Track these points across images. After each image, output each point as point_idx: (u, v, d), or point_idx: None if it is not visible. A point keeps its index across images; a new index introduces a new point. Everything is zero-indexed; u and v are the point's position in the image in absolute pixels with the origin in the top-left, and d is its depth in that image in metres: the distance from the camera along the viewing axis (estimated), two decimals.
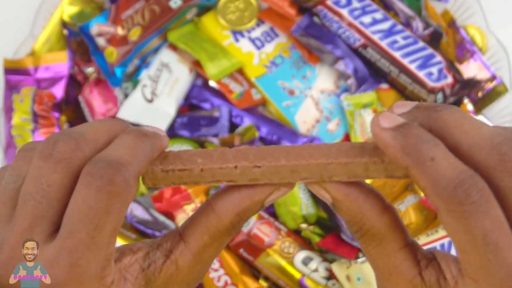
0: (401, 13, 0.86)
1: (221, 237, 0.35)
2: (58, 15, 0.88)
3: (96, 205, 0.30)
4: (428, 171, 0.30)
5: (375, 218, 0.34)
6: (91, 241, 0.30)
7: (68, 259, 0.30)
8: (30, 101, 0.85)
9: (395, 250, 0.34)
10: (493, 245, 0.29)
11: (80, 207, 0.30)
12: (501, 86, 0.84)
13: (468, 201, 0.29)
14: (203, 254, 0.35)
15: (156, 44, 0.87)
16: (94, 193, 0.30)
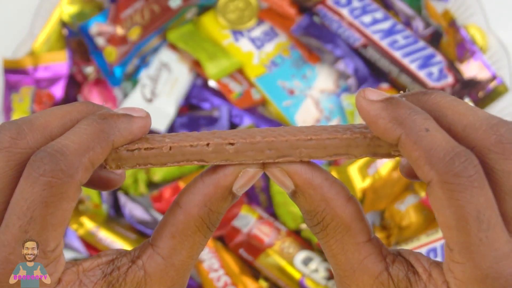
0: (401, 13, 0.86)
1: (192, 235, 0.32)
2: (57, 14, 0.88)
3: (30, 197, 0.29)
4: (424, 141, 0.29)
5: (339, 207, 0.32)
6: (24, 235, 0.29)
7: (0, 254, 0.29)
8: (30, 100, 0.85)
9: (359, 244, 0.32)
10: (486, 223, 0.28)
11: (16, 200, 0.29)
12: (501, 86, 0.84)
13: (465, 174, 0.28)
14: (174, 257, 0.32)
15: (155, 43, 0.86)
16: (30, 184, 0.29)
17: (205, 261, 0.79)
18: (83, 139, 0.30)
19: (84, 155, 0.30)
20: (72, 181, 0.29)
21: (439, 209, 0.29)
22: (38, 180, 0.29)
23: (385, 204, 0.81)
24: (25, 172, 0.29)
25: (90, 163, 0.30)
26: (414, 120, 0.30)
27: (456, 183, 0.28)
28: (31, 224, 0.29)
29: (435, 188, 0.29)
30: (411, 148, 0.29)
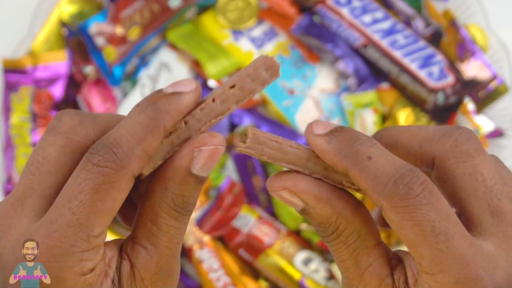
0: (402, 12, 0.86)
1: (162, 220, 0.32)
2: (57, 14, 0.88)
3: (83, 182, 0.30)
4: (367, 170, 0.30)
5: (351, 215, 0.32)
6: (71, 217, 0.29)
7: (45, 230, 0.30)
8: (29, 100, 0.84)
9: (370, 247, 0.32)
10: (443, 235, 0.29)
11: (69, 184, 0.30)
12: (502, 86, 0.84)
13: (411, 195, 0.29)
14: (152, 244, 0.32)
15: (155, 43, 0.86)
16: (85, 172, 0.30)
17: (204, 261, 0.79)
18: (135, 129, 0.30)
19: (137, 146, 0.30)
20: (124, 171, 0.30)
21: (398, 231, 0.30)
22: (92, 169, 0.30)
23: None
24: (81, 161, 0.30)
25: (144, 153, 0.30)
26: (357, 150, 0.31)
27: (405, 205, 0.29)
28: (80, 207, 0.29)
29: (387, 213, 0.30)
30: (358, 179, 0.30)
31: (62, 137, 0.31)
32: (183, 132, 0.32)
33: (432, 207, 0.29)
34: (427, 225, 0.29)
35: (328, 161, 0.31)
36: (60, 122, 0.32)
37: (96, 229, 0.30)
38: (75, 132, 0.31)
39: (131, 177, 0.30)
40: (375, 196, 0.30)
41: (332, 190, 0.32)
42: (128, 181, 0.30)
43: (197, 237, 0.80)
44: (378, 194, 0.30)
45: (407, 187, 0.29)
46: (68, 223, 0.29)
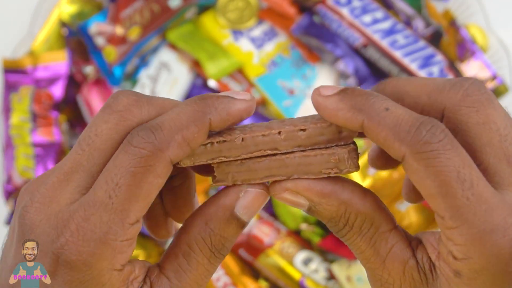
0: (402, 12, 0.86)
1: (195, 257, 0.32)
2: (57, 14, 0.88)
3: (121, 164, 0.29)
4: (386, 119, 0.29)
5: (359, 204, 0.32)
6: (108, 200, 0.29)
7: (83, 212, 0.29)
8: (29, 100, 0.84)
9: (385, 233, 0.32)
10: (468, 182, 0.28)
11: (109, 166, 0.30)
12: (502, 86, 0.84)
13: (435, 140, 0.28)
14: (178, 279, 0.32)
15: (155, 43, 0.86)
16: (124, 153, 0.30)
17: None
18: (179, 117, 0.30)
19: (178, 132, 0.30)
20: (161, 155, 0.30)
21: (419, 181, 0.29)
22: (130, 150, 0.29)
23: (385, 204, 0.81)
24: (123, 142, 0.30)
25: (185, 140, 0.30)
26: (372, 103, 0.30)
27: (429, 150, 0.28)
28: (116, 190, 0.29)
29: (410, 162, 0.29)
30: (376, 130, 0.30)
31: (116, 115, 0.31)
32: (235, 147, 0.32)
33: (455, 152, 0.28)
34: (453, 171, 0.28)
35: (341, 118, 0.30)
36: (116, 100, 0.31)
37: (131, 216, 0.30)
38: (129, 111, 0.31)
39: (169, 162, 0.30)
40: (397, 144, 0.29)
41: (334, 182, 0.32)
42: (165, 166, 0.30)
43: None
44: (400, 141, 0.29)
45: (430, 132, 0.28)
46: (105, 207, 0.29)
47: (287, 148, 0.32)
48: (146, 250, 0.78)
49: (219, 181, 0.33)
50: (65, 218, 0.30)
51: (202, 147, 0.32)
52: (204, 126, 0.31)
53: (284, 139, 0.32)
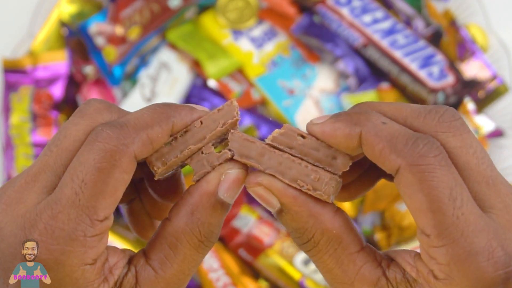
0: (402, 12, 0.86)
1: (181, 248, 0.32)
2: (56, 14, 0.88)
3: (86, 161, 0.29)
4: (384, 132, 0.30)
5: (328, 221, 0.31)
6: (74, 197, 0.29)
7: (50, 211, 0.29)
8: (29, 100, 0.84)
9: (353, 254, 0.31)
10: (459, 200, 0.28)
11: (73, 163, 0.30)
12: (502, 86, 0.84)
13: (431, 154, 0.29)
14: (164, 270, 0.32)
15: (155, 43, 0.86)
16: (88, 149, 0.30)
17: (204, 261, 0.79)
18: (144, 117, 0.31)
19: (143, 130, 0.30)
20: (126, 150, 0.30)
21: (411, 195, 0.29)
22: (95, 145, 0.29)
23: (385, 204, 0.81)
24: (88, 138, 0.30)
25: (149, 139, 0.31)
26: (369, 117, 0.31)
27: (425, 163, 0.29)
28: (82, 187, 0.29)
29: (404, 174, 0.29)
30: (373, 141, 0.30)
31: (87, 117, 0.31)
32: (197, 131, 0.32)
33: (449, 170, 0.29)
34: (446, 188, 0.28)
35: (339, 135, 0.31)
36: (87, 105, 0.32)
37: (99, 212, 0.30)
38: (100, 114, 0.31)
39: (133, 158, 0.30)
40: (393, 156, 0.29)
41: (310, 196, 0.32)
42: (130, 162, 0.30)
43: None
44: (397, 153, 0.29)
45: (427, 147, 0.29)
46: (72, 204, 0.29)
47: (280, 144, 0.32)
48: None
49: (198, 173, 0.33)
50: (33, 218, 0.30)
51: (168, 146, 0.32)
52: (168, 128, 0.31)
53: (281, 134, 0.32)
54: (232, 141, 0.33)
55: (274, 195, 0.32)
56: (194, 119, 0.32)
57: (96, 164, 0.29)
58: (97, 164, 0.29)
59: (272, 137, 0.32)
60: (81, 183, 0.29)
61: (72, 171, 0.30)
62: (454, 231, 0.28)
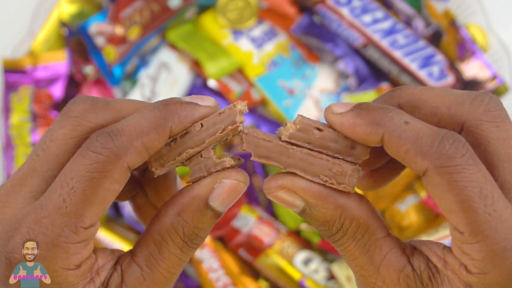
0: (402, 12, 0.86)
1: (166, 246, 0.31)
2: (56, 14, 0.88)
3: (77, 168, 0.29)
4: (407, 133, 0.29)
5: (355, 208, 0.31)
6: (61, 204, 0.29)
7: (34, 215, 0.29)
8: (29, 100, 0.84)
9: (380, 240, 0.31)
10: (490, 198, 0.28)
11: (65, 169, 0.30)
12: (502, 86, 0.84)
13: (458, 154, 0.28)
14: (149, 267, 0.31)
15: (155, 43, 0.86)
16: (81, 158, 0.29)
17: (204, 261, 0.79)
18: (140, 123, 0.30)
19: (137, 138, 0.30)
20: (118, 161, 0.29)
21: (441, 196, 0.29)
22: (88, 155, 0.29)
23: (386, 204, 0.81)
24: (81, 146, 0.30)
25: (144, 147, 0.30)
26: (390, 117, 0.30)
27: (453, 165, 0.28)
28: (70, 194, 0.29)
29: (432, 176, 0.29)
30: (397, 143, 0.29)
31: (72, 120, 0.31)
32: (197, 134, 0.32)
33: (477, 168, 0.28)
34: (476, 187, 0.28)
35: (359, 133, 0.30)
36: (71, 106, 0.31)
37: (85, 220, 0.29)
38: (84, 116, 0.31)
39: (126, 169, 0.30)
40: (419, 158, 0.29)
41: (332, 188, 0.31)
42: (122, 173, 0.30)
43: None
44: (422, 155, 0.29)
45: (453, 147, 0.28)
46: (58, 210, 0.29)
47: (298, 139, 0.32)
48: None
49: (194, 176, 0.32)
50: (17, 222, 0.29)
51: (166, 147, 0.32)
52: (165, 133, 0.31)
53: (298, 129, 0.31)
54: (247, 143, 0.32)
55: (297, 195, 0.31)
56: (195, 120, 0.32)
57: (87, 173, 0.29)
58: (88, 173, 0.29)
59: (289, 134, 0.32)
60: (70, 191, 0.29)
61: (63, 177, 0.29)
62: (487, 228, 0.28)
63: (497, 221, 0.28)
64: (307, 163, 0.31)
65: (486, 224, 0.28)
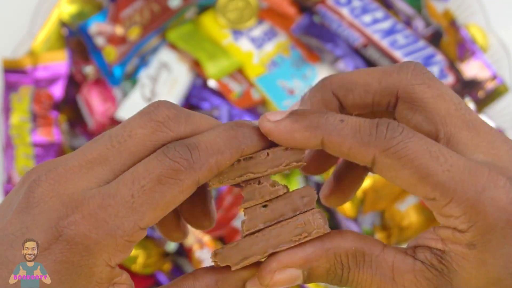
0: (402, 12, 0.86)
1: None
2: (57, 14, 0.88)
3: (153, 170, 0.30)
4: (345, 130, 0.30)
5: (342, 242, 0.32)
6: (129, 198, 0.29)
7: (101, 200, 0.29)
8: (29, 100, 0.84)
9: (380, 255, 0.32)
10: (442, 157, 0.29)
11: (139, 167, 0.30)
12: (502, 86, 0.84)
13: (397, 133, 0.30)
14: None
15: (155, 43, 0.86)
16: (158, 161, 0.30)
17: (204, 261, 0.79)
18: (216, 141, 0.31)
19: (213, 156, 0.31)
20: (192, 173, 0.30)
21: (398, 176, 0.30)
22: (165, 160, 0.30)
23: (385, 204, 0.81)
24: (159, 150, 0.30)
25: (216, 164, 0.31)
26: (326, 118, 0.31)
27: (396, 143, 0.30)
28: (140, 191, 0.29)
29: (382, 161, 0.30)
30: (338, 141, 0.30)
31: (154, 124, 0.31)
32: (261, 162, 0.32)
33: (418, 137, 0.30)
34: (425, 153, 0.29)
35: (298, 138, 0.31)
36: (156, 109, 0.32)
37: (145, 220, 0.30)
38: (168, 124, 0.31)
39: (196, 182, 0.30)
40: (363, 149, 0.30)
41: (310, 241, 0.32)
42: (192, 185, 0.30)
43: (197, 237, 0.80)
44: (366, 145, 0.30)
45: (390, 128, 0.30)
46: (125, 203, 0.29)
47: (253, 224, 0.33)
48: (146, 250, 0.78)
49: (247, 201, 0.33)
50: (80, 200, 0.29)
51: (229, 166, 0.32)
52: (238, 154, 0.32)
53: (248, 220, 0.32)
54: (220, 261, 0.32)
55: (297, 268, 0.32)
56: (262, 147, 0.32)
57: (160, 177, 0.30)
58: (161, 177, 0.30)
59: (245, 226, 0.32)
60: (140, 188, 0.29)
61: (136, 174, 0.30)
62: (453, 183, 0.29)
63: (458, 173, 0.29)
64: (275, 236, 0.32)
65: (450, 180, 0.29)
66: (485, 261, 0.30)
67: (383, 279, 0.32)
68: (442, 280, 0.31)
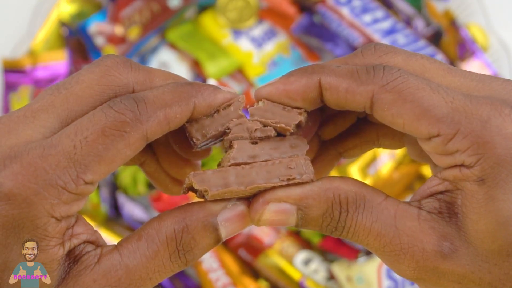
0: (402, 12, 0.86)
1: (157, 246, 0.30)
2: (56, 14, 0.88)
3: (96, 121, 0.29)
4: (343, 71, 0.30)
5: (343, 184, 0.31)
6: (71, 149, 0.28)
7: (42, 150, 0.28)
8: (29, 100, 0.84)
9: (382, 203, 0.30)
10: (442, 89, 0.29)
11: (83, 119, 0.29)
12: None
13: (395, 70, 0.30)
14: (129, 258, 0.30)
15: (155, 43, 0.86)
16: (101, 114, 0.29)
17: (204, 261, 0.79)
18: (164, 95, 0.30)
19: (161, 109, 0.30)
20: (138, 126, 0.29)
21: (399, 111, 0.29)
22: (109, 112, 0.29)
23: None
24: (105, 104, 0.30)
25: (166, 119, 0.30)
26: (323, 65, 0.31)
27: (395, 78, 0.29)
28: (82, 143, 0.29)
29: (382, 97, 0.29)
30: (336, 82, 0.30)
31: (103, 68, 0.31)
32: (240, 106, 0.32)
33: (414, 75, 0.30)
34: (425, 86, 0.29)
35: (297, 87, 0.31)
36: (106, 58, 0.31)
37: (89, 174, 0.29)
38: (117, 68, 0.31)
39: (144, 136, 0.30)
40: (362, 88, 0.30)
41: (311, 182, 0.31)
42: (138, 139, 0.29)
43: None
44: (364, 84, 0.30)
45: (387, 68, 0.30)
46: (66, 154, 0.28)
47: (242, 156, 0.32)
48: None
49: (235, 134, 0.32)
50: (20, 151, 0.28)
51: (209, 118, 0.32)
52: (188, 108, 0.31)
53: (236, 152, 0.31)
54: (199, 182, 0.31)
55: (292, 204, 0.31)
56: (218, 100, 0.32)
57: (104, 128, 0.29)
58: (106, 128, 0.29)
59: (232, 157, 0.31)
60: (83, 139, 0.29)
61: (79, 125, 0.29)
62: (457, 114, 0.28)
63: (461, 104, 0.29)
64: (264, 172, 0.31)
65: (454, 111, 0.29)
66: (495, 197, 0.28)
67: (383, 227, 0.30)
68: (448, 229, 0.29)
